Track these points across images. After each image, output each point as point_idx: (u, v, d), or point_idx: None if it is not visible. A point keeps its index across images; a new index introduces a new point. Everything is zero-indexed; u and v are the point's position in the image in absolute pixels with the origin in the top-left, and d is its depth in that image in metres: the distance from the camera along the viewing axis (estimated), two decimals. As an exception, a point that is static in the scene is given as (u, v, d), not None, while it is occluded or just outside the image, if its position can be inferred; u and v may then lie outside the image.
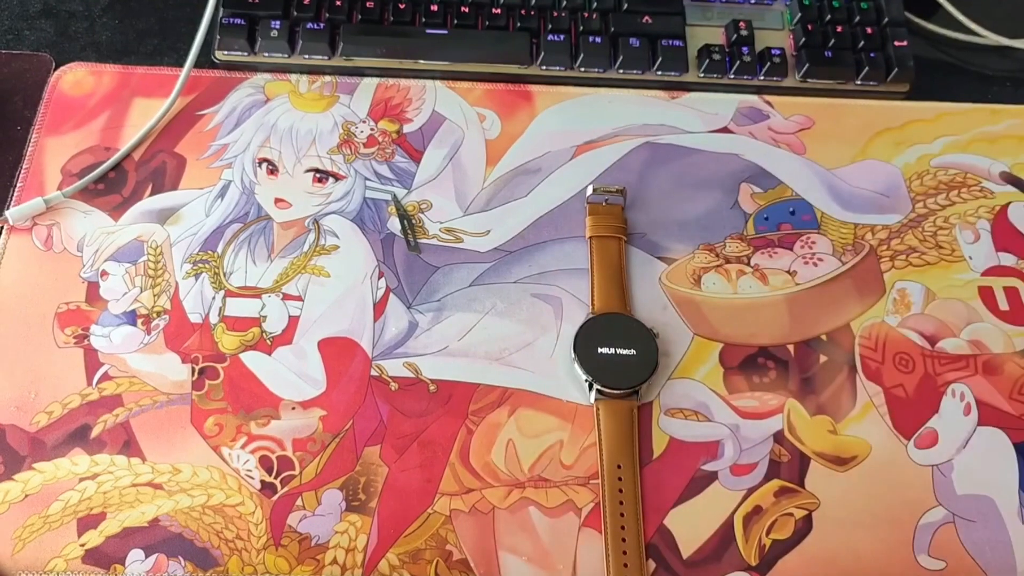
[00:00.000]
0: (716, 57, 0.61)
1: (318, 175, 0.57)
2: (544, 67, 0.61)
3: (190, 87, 0.59)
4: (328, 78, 0.60)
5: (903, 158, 0.60)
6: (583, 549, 0.46)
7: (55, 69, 0.60)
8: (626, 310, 0.52)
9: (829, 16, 0.63)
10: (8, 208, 0.54)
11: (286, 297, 0.52)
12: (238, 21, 0.59)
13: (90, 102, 0.58)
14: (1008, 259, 0.57)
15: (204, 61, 0.60)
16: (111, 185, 0.55)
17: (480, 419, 0.49)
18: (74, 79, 0.59)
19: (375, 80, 0.60)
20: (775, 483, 0.49)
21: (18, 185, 0.55)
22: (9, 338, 0.50)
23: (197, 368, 0.50)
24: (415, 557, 0.46)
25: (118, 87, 0.59)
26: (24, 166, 0.56)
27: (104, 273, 0.53)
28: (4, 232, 0.53)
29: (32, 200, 0.53)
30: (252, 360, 0.50)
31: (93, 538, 0.46)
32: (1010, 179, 0.60)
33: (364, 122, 0.59)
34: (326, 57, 0.60)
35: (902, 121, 0.62)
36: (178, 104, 0.58)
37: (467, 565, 0.46)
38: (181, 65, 0.60)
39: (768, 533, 0.47)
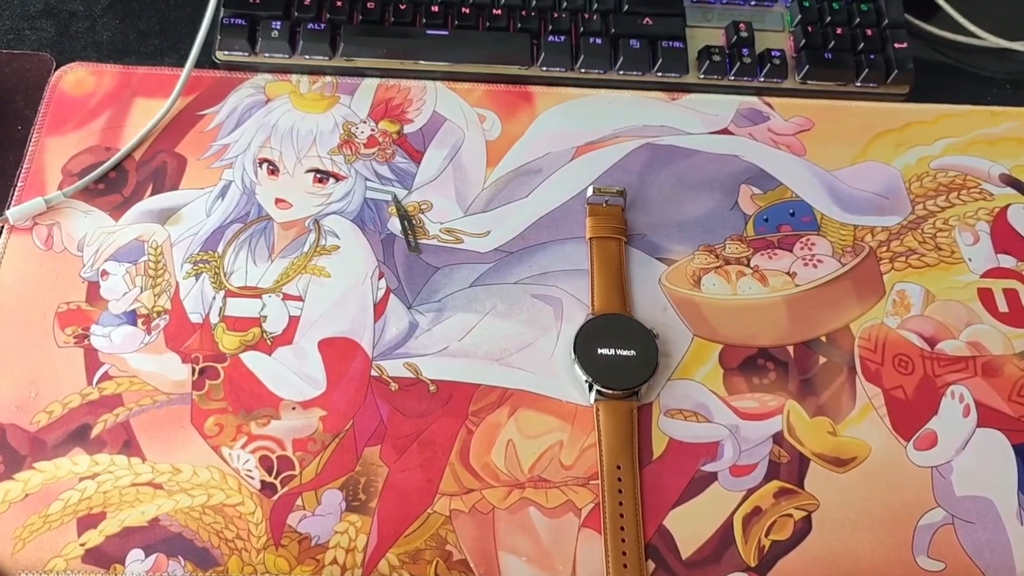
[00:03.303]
0: (716, 59, 0.61)
1: (319, 175, 0.57)
2: (544, 68, 0.61)
3: (191, 87, 0.59)
4: (329, 78, 0.60)
5: (903, 160, 0.60)
6: (583, 549, 0.47)
7: (56, 69, 0.60)
8: (626, 311, 0.52)
9: (829, 18, 0.63)
10: (8, 208, 0.54)
11: (286, 297, 0.52)
12: (239, 21, 0.59)
13: (91, 102, 0.58)
14: (1008, 261, 0.57)
15: (204, 61, 0.60)
16: (111, 185, 0.55)
17: (480, 419, 0.50)
18: (75, 79, 0.59)
19: (376, 81, 0.60)
20: (774, 484, 0.49)
21: (18, 185, 0.55)
22: (9, 338, 0.50)
23: (197, 368, 0.50)
24: (415, 557, 0.46)
25: (119, 87, 0.59)
26: (24, 166, 0.56)
27: (104, 273, 0.53)
28: (4, 232, 0.53)
29: (33, 200, 0.54)
30: (252, 360, 0.51)
31: (93, 537, 0.46)
32: (1009, 181, 0.60)
33: (365, 122, 0.59)
34: (327, 58, 0.60)
35: (902, 123, 0.62)
36: (179, 104, 0.58)
37: (467, 565, 0.46)
38: (182, 65, 0.60)
39: (767, 534, 0.47)
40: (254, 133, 0.58)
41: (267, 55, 0.60)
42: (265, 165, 0.57)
